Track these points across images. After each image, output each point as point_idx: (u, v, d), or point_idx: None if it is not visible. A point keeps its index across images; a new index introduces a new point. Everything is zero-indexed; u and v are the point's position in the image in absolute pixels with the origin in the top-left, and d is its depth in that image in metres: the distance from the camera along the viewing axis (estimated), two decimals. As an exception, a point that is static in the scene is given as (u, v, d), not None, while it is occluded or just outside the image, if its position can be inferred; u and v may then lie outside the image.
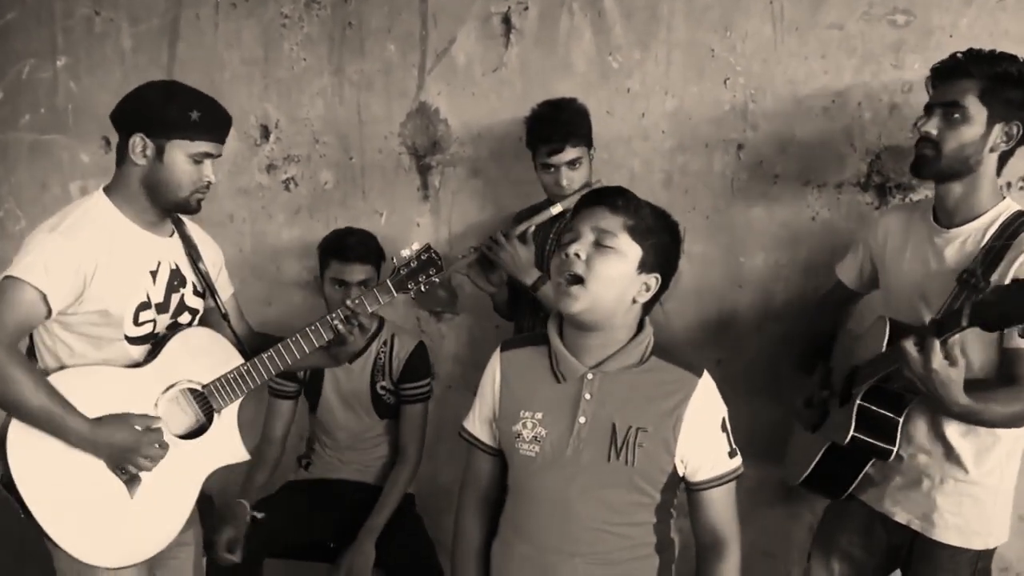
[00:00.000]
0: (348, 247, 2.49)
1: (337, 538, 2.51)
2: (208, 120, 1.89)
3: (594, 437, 1.60)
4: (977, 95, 1.77)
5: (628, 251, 1.55)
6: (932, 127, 1.81)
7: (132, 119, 1.89)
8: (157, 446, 1.89)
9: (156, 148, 1.87)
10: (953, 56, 1.83)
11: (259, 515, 2.48)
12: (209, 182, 1.94)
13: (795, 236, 2.45)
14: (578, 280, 1.54)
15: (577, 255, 1.55)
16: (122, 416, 1.87)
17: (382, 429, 2.65)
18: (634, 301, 1.59)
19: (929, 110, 1.85)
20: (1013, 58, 1.78)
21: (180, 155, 1.88)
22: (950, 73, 1.82)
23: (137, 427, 1.88)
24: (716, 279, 2.57)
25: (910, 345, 1.65)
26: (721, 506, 1.65)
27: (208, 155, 1.91)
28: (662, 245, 1.60)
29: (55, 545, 1.82)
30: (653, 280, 1.60)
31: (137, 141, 1.86)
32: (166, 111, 1.85)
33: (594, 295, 1.54)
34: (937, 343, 1.61)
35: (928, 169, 1.84)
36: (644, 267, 1.57)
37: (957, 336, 1.61)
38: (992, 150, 1.81)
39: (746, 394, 2.49)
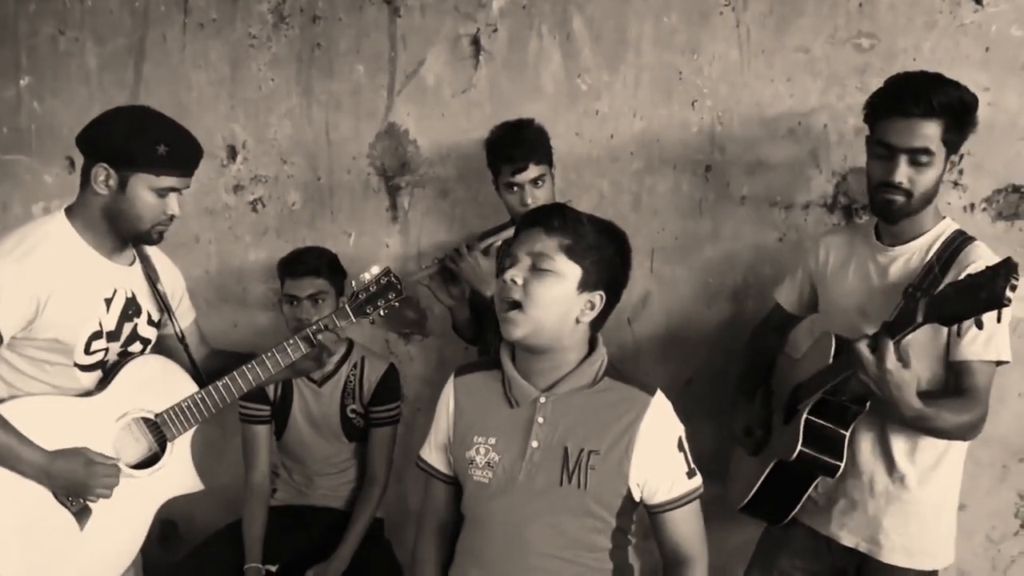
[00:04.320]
0: (297, 262, 2.47)
1: (306, 563, 2.46)
2: (176, 154, 1.84)
3: (547, 461, 1.58)
4: (941, 137, 1.74)
5: (566, 272, 1.54)
6: (903, 177, 1.76)
7: (96, 147, 1.83)
8: (110, 477, 1.85)
9: (119, 179, 1.81)
10: (910, 90, 1.76)
11: (273, 568, 2.45)
12: (172, 215, 1.89)
13: (763, 256, 2.46)
14: (516, 306, 1.54)
15: (514, 281, 1.54)
16: (78, 450, 1.84)
17: (350, 453, 2.62)
18: (578, 321, 1.58)
19: (891, 152, 1.77)
20: (964, 88, 1.76)
21: (143, 188, 1.82)
22: (913, 110, 1.74)
23: (93, 458, 1.83)
24: (685, 300, 2.57)
25: (863, 347, 1.64)
26: (684, 526, 1.63)
27: (173, 189, 1.86)
28: (605, 261, 1.58)
29: None
30: (598, 298, 1.58)
31: (100, 171, 1.81)
32: (131, 144, 1.79)
33: (534, 320, 1.53)
34: (891, 343, 1.60)
35: (899, 215, 1.82)
36: (586, 286, 1.56)
37: (909, 338, 1.61)
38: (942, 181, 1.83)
39: (716, 413, 2.49)
